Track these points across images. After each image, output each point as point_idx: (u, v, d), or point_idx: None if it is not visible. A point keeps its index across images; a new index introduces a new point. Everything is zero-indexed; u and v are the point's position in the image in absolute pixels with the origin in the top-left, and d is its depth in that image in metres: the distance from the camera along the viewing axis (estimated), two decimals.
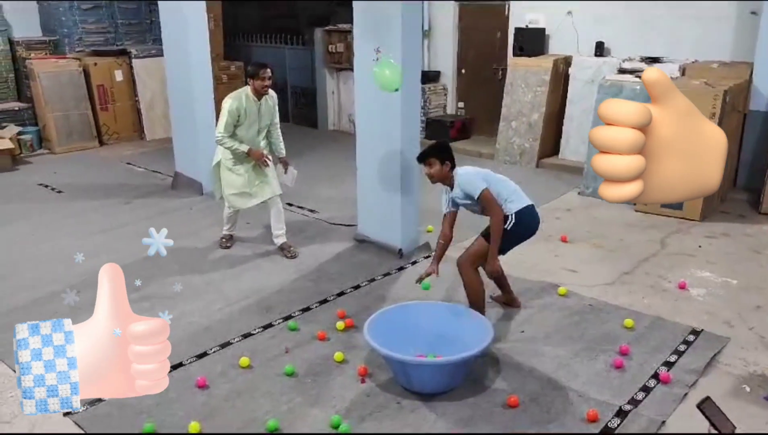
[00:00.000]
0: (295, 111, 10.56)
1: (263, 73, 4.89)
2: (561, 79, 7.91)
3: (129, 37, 9.97)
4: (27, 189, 7.33)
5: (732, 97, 6.03)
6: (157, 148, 9.08)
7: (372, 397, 3.44)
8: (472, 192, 3.83)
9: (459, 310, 3.74)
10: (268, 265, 5.17)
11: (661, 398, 3.37)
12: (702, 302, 4.46)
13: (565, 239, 5.74)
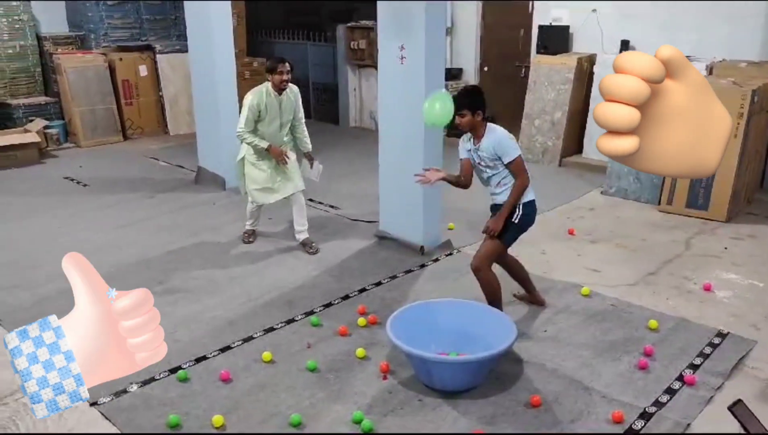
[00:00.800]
0: (317, 107, 10.59)
1: (281, 68, 4.90)
2: (585, 77, 7.85)
3: (153, 33, 10.07)
4: (53, 182, 7.45)
5: (760, 96, 5.93)
6: (180, 143, 9.16)
7: (394, 393, 3.44)
8: (506, 154, 3.75)
9: (482, 309, 3.73)
10: (290, 260, 5.20)
11: (687, 401, 3.33)
12: (728, 304, 4.40)
13: (572, 232, 5.73)
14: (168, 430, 3.16)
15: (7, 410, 3.28)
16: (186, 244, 5.50)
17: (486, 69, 9.38)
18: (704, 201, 5.97)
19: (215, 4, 6.62)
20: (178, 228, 5.88)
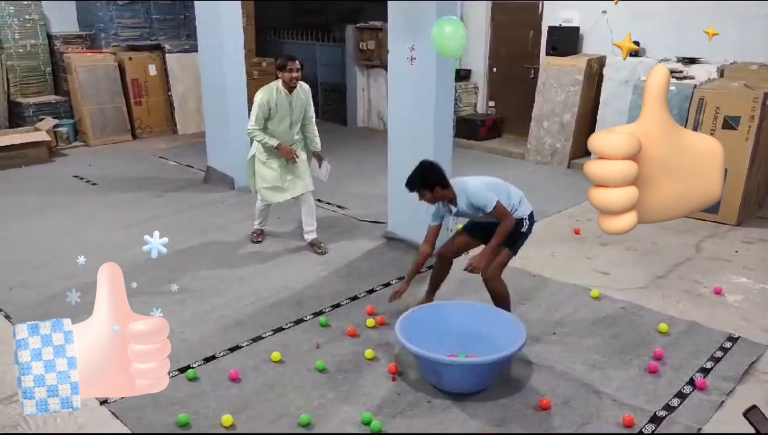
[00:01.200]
0: (325, 107, 10.60)
1: (291, 65, 4.89)
2: (595, 79, 7.82)
3: (163, 33, 10.10)
4: (63, 180, 7.48)
5: None
6: (189, 142, 9.18)
7: (402, 395, 3.44)
8: (485, 206, 3.72)
9: (492, 311, 3.72)
10: (298, 260, 5.20)
11: (698, 405, 3.31)
12: (739, 308, 4.37)
13: (578, 232, 5.75)
14: (177, 430, 3.16)
15: (18, 407, 3.29)
16: (195, 244, 5.51)
17: (495, 70, 9.36)
18: (715, 204, 5.92)
19: (225, 4, 6.63)
20: (187, 227, 5.89)
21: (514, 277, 4.78)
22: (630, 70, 7.45)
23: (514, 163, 8.23)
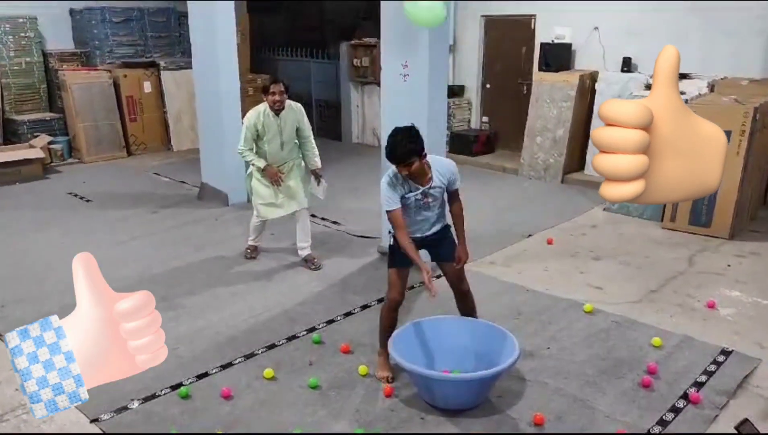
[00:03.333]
0: (320, 124, 10.64)
1: (273, 88, 4.89)
2: (587, 94, 7.88)
3: (158, 50, 10.15)
4: (57, 197, 7.47)
5: (762, 114, 5.95)
6: (183, 159, 9.20)
7: (396, 411, 3.42)
8: (458, 179, 3.56)
9: (485, 326, 3.71)
10: (292, 276, 5.20)
11: (691, 419, 3.31)
12: (732, 322, 4.38)
13: (551, 242, 5.78)
14: None
15: (8, 426, 3.27)
16: (189, 260, 5.50)
17: (488, 86, 9.43)
18: (707, 218, 5.96)
19: (219, 22, 6.67)
20: (181, 243, 5.89)
21: (507, 292, 4.80)
22: (622, 85, 7.51)
23: (507, 178, 8.26)
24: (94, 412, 3.34)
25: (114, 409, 3.41)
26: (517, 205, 7.12)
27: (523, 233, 6.09)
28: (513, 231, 6.16)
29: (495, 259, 5.49)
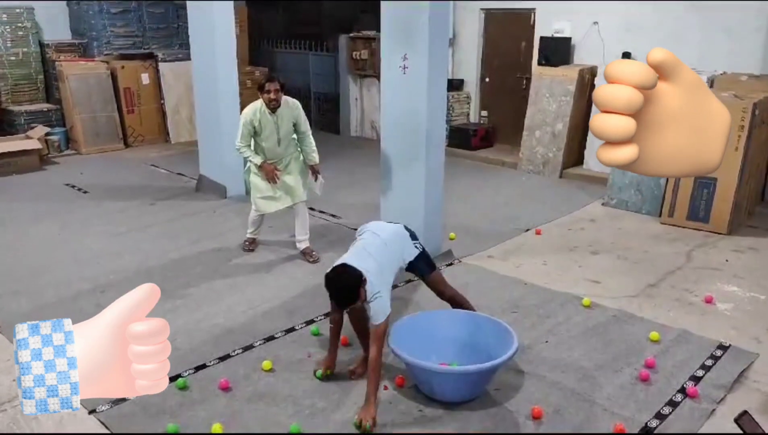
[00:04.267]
0: (318, 117, 10.62)
1: (268, 86, 4.87)
2: (586, 89, 7.87)
3: (156, 41, 10.11)
4: (54, 189, 7.44)
5: (761, 109, 5.95)
6: (181, 151, 9.17)
7: (394, 403, 3.42)
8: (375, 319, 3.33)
9: (483, 319, 3.71)
10: (290, 269, 5.19)
11: (689, 413, 3.32)
12: (729, 317, 4.39)
13: (539, 232, 5.86)
14: None
15: (5, 417, 3.26)
16: (187, 252, 5.49)
17: (487, 80, 9.41)
18: (705, 213, 5.97)
19: (218, 14, 6.65)
20: (179, 236, 5.87)
21: (506, 286, 4.80)
22: None
23: (506, 172, 8.26)
24: (91, 403, 3.34)
25: (112, 400, 3.40)
26: (515, 199, 7.11)
27: (522, 227, 6.09)
28: (511, 225, 6.16)
29: (493, 253, 5.49)
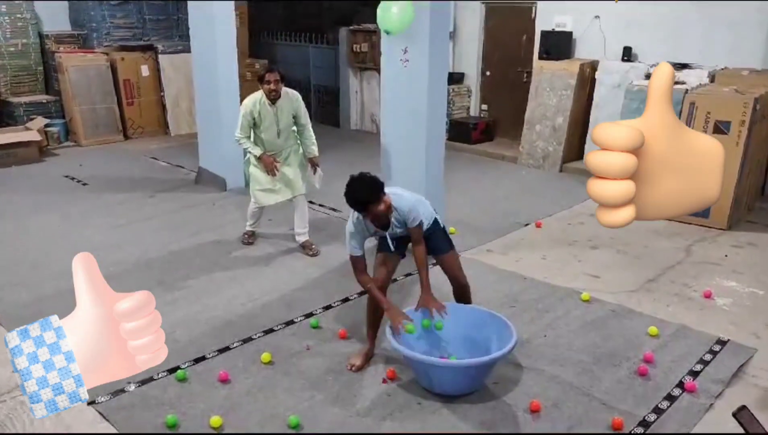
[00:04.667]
0: (318, 110, 10.60)
1: (269, 77, 4.86)
2: (587, 83, 7.85)
3: (156, 33, 10.07)
4: (53, 180, 7.44)
5: (762, 104, 5.93)
6: (181, 143, 9.16)
7: (393, 396, 3.43)
8: (413, 220, 3.45)
9: (483, 313, 3.72)
10: (290, 262, 5.19)
11: (687, 408, 3.32)
12: (728, 312, 4.40)
13: (539, 225, 5.87)
14: (166, 430, 3.15)
15: (4, 408, 3.27)
16: (186, 245, 5.49)
17: (488, 74, 9.39)
18: (705, 209, 5.96)
19: (218, 5, 6.63)
20: (179, 228, 5.87)
21: (505, 280, 4.81)
22: (622, 74, 7.48)
23: (506, 166, 8.25)
24: (91, 395, 3.33)
25: (111, 392, 3.41)
26: (515, 193, 7.11)
27: (521, 222, 6.08)
28: (511, 219, 6.15)
29: (493, 247, 5.49)
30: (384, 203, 3.32)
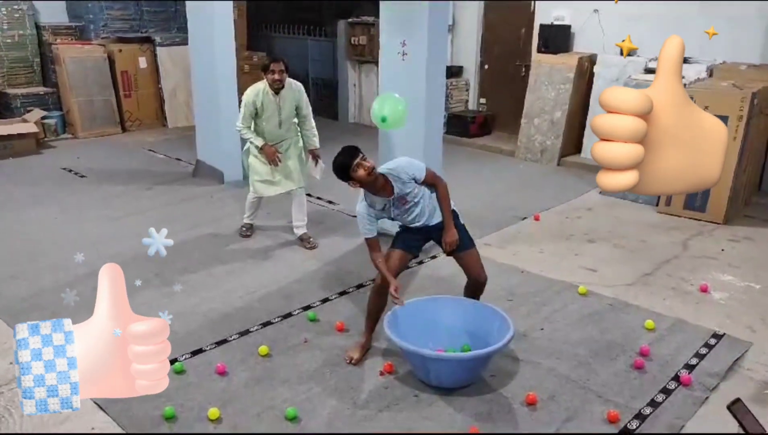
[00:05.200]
0: (317, 103, 10.52)
1: (274, 67, 4.85)
2: (585, 77, 7.85)
3: (153, 25, 10.03)
4: (51, 172, 7.42)
5: (760, 99, 5.94)
6: (179, 135, 9.14)
7: (390, 389, 3.44)
8: (418, 172, 3.48)
9: (479, 306, 3.73)
10: (287, 255, 5.20)
11: (682, 401, 3.34)
12: (724, 306, 4.41)
13: (537, 218, 5.91)
14: (163, 422, 3.16)
15: (2, 399, 3.27)
16: (184, 237, 5.48)
17: (486, 67, 9.38)
18: (702, 203, 5.98)
19: None
20: (176, 221, 5.87)
21: (502, 273, 4.81)
22: (620, 68, 7.48)
23: (504, 160, 8.25)
24: None
25: None
26: (513, 187, 7.11)
27: (519, 215, 6.09)
28: (508, 213, 6.16)
29: (490, 240, 5.50)
30: (363, 168, 3.40)
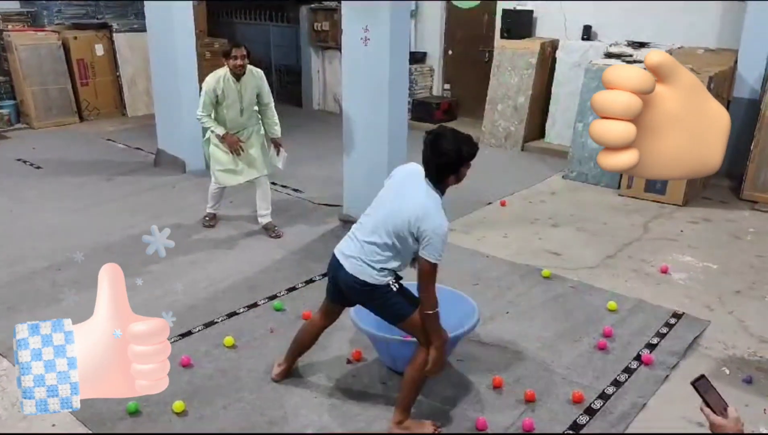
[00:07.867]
0: (280, 90, 10.44)
1: (235, 52, 4.78)
2: (548, 62, 7.90)
3: (110, 11, 9.77)
4: (4, 164, 7.19)
5: (716, 83, 6.06)
6: (138, 124, 8.94)
7: (358, 377, 3.44)
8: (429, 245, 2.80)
9: (445, 291, 3.73)
10: (252, 244, 5.14)
11: (644, 379, 3.42)
12: (683, 286, 4.52)
13: (504, 204, 6.01)
14: (127, 417, 3.10)
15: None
16: (146, 228, 5.25)
17: (450, 53, 9.38)
18: (662, 185, 6.09)
19: None
20: (138, 211, 5.75)
21: (467, 258, 4.85)
22: (582, 53, 7.55)
23: None
24: None
25: None
26: (477, 173, 7.05)
27: (483, 201, 6.13)
28: (473, 198, 6.18)
29: (455, 226, 5.52)
30: None
